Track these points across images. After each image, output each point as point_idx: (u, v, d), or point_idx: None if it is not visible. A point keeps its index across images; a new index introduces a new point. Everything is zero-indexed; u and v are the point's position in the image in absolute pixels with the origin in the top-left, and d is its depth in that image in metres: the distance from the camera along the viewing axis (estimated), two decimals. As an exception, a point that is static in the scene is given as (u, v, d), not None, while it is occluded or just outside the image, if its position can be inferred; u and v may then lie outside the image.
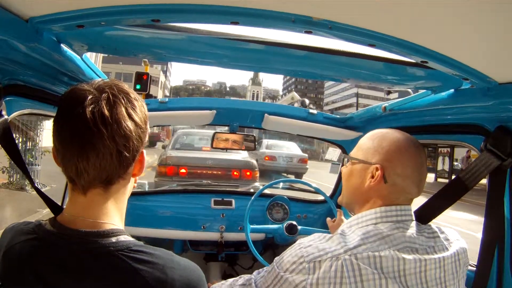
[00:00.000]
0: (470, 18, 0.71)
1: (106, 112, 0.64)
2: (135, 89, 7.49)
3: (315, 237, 0.86)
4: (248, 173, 6.29)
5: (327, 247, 0.82)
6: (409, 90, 1.50)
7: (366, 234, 0.83)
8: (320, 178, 9.02)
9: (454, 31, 0.78)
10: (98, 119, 0.63)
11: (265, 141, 14.66)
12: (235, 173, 6.26)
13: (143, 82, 8.02)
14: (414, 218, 0.89)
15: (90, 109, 0.64)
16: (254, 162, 6.74)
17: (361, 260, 0.79)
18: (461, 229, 5.97)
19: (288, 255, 0.86)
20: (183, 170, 5.98)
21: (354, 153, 0.96)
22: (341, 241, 0.82)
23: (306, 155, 14.53)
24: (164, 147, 8.67)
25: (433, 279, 0.82)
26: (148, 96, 8.36)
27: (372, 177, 0.89)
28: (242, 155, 6.63)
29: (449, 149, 16.98)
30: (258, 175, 6.54)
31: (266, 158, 13.32)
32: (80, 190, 0.68)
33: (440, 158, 18.09)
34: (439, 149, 18.21)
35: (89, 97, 0.65)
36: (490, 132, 1.08)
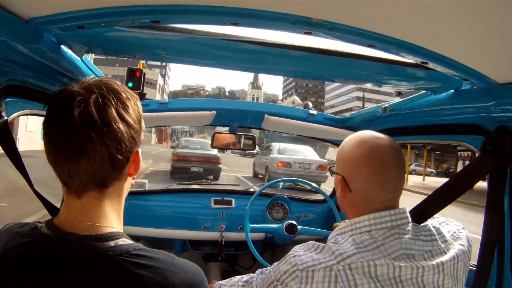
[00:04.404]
0: (470, 19, 0.71)
1: (95, 115, 0.61)
2: (127, 87, 7.28)
3: (309, 247, 0.85)
4: (215, 160, 12.25)
5: (321, 257, 0.81)
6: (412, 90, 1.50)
7: (360, 244, 0.81)
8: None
9: (454, 32, 0.78)
10: (87, 123, 0.61)
11: (277, 145, 13.09)
12: (209, 160, 12.17)
13: (136, 79, 7.37)
14: (410, 220, 0.88)
15: (78, 112, 0.61)
16: (219, 154, 12.48)
17: (355, 270, 0.77)
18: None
19: (283, 263, 0.85)
20: (184, 158, 12.04)
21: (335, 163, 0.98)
22: (335, 251, 0.81)
23: (326, 160, 13.00)
24: (173, 147, 14.76)
25: (430, 283, 0.80)
26: (141, 95, 7.70)
27: (342, 187, 0.91)
28: (214, 152, 12.10)
29: (469, 153, 16.58)
30: (221, 161, 12.47)
31: (280, 164, 11.70)
32: (74, 193, 0.66)
33: (460, 162, 17.70)
34: (459, 153, 17.78)
35: (78, 99, 0.62)
36: (490, 132, 1.08)
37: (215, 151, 12.09)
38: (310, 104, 2.45)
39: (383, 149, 0.87)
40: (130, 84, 7.23)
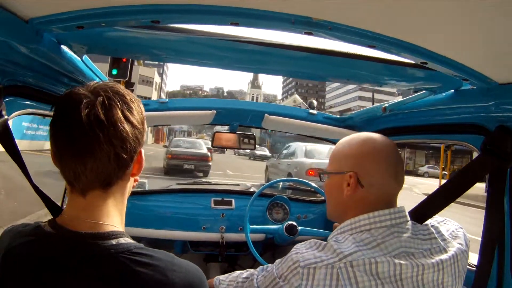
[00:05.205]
0: (470, 19, 0.71)
1: (102, 115, 0.64)
2: (111, 75, 6.22)
3: (311, 244, 0.85)
4: (206, 158, 13.64)
5: (323, 255, 0.81)
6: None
7: (361, 242, 0.82)
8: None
9: (454, 32, 0.78)
10: (94, 123, 0.63)
11: (301, 146, 9.73)
12: (200, 158, 13.54)
13: (121, 66, 6.35)
14: (409, 219, 0.88)
15: (85, 113, 0.63)
16: (208, 153, 13.95)
17: (356, 268, 0.78)
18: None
19: (285, 260, 0.86)
20: (178, 157, 13.34)
21: (328, 166, 0.97)
22: (336, 249, 0.81)
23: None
24: (166, 146, 16.32)
25: (430, 281, 0.81)
26: (128, 84, 6.80)
27: (348, 185, 0.89)
28: (204, 150, 13.96)
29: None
30: (211, 159, 13.97)
31: (311, 172, 8.04)
32: (79, 192, 0.68)
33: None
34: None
35: (85, 101, 0.64)
36: (490, 132, 1.08)
37: (205, 150, 14.01)
38: (315, 102, 2.44)
39: (390, 146, 0.91)
40: (114, 71, 6.35)
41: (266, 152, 28.81)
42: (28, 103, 1.14)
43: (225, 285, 1.11)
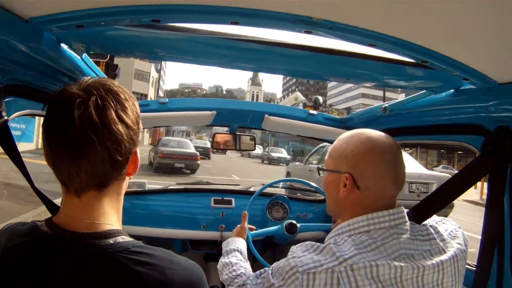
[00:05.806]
0: (470, 18, 0.71)
1: (95, 117, 0.62)
2: (88, 55, 5.91)
3: (308, 247, 0.83)
4: (195, 157, 14.50)
5: (321, 258, 0.79)
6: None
7: (360, 245, 0.80)
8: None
9: (454, 31, 0.78)
10: (87, 125, 0.61)
11: None
12: (189, 157, 14.34)
13: None
14: (407, 220, 0.87)
15: (78, 114, 0.61)
16: (197, 152, 15.02)
17: (357, 271, 0.76)
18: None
19: (282, 265, 0.84)
20: (169, 156, 13.93)
21: (327, 162, 0.95)
22: (336, 252, 0.79)
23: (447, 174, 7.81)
24: (154, 145, 17.45)
25: (429, 282, 0.80)
26: (109, 67, 6.38)
27: (345, 186, 0.87)
28: (192, 150, 14.99)
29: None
30: (199, 158, 14.89)
31: None
32: (73, 193, 0.66)
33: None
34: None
35: (77, 101, 0.62)
36: (490, 132, 1.08)
37: (193, 149, 15.24)
38: (320, 99, 2.45)
39: (390, 146, 0.88)
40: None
41: (284, 154, 25.60)
42: (28, 103, 1.14)
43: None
